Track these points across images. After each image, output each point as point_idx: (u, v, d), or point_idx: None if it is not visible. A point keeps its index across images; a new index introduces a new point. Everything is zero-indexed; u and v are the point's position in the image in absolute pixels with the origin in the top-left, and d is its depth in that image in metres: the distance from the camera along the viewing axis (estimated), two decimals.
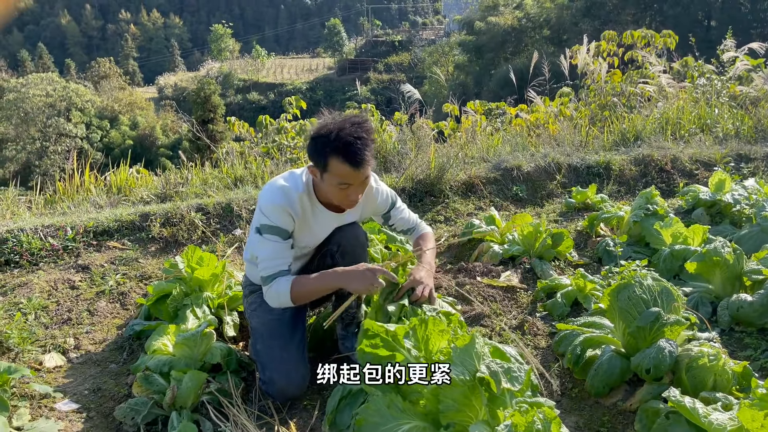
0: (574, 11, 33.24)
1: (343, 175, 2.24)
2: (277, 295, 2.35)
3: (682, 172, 5.18)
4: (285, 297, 2.34)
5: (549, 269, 3.41)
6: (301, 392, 2.47)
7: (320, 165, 2.26)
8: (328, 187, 2.32)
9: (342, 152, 2.19)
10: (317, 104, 31.33)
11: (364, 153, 2.21)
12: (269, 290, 2.36)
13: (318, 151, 2.24)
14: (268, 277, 2.36)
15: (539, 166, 5.03)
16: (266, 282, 2.37)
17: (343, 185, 2.27)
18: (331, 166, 2.23)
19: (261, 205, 2.37)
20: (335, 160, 2.21)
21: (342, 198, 2.34)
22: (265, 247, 2.35)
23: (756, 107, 6.58)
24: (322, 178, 2.30)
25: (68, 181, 4.89)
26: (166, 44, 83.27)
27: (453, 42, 41.46)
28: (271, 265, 2.36)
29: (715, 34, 24.95)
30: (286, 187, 2.37)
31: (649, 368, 2.19)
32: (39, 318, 2.96)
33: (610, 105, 6.80)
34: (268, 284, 2.36)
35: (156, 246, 3.72)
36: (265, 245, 2.35)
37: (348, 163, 2.20)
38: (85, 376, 2.62)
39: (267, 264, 2.36)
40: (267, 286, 2.37)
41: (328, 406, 2.16)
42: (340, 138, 2.19)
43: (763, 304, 2.68)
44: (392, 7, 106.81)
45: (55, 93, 36.58)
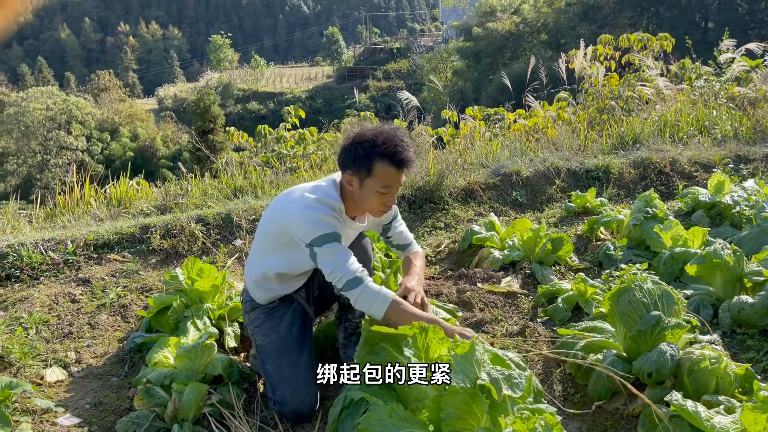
0: (572, 15, 33.33)
1: (388, 178, 2.27)
2: (372, 303, 2.24)
3: (681, 174, 5.18)
4: (379, 310, 2.24)
5: (549, 274, 3.41)
6: (313, 410, 2.44)
7: (364, 170, 2.27)
8: (367, 194, 2.31)
9: (390, 155, 2.24)
10: (317, 113, 31.46)
11: (409, 154, 2.27)
12: (362, 294, 2.23)
13: (362, 156, 2.25)
14: (352, 281, 2.23)
15: (538, 170, 5.03)
16: (353, 286, 2.23)
17: (385, 189, 2.29)
18: (377, 169, 2.25)
19: (306, 220, 2.25)
20: (382, 163, 2.25)
21: (378, 204, 2.34)
22: (331, 257, 2.24)
23: (754, 108, 6.59)
24: (363, 184, 2.29)
25: (68, 195, 4.90)
26: (166, 56, 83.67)
27: (451, 48, 41.56)
28: (345, 270, 2.24)
29: (713, 35, 25.00)
30: (321, 199, 2.31)
31: (650, 372, 2.18)
32: (40, 332, 2.97)
33: (608, 108, 6.81)
34: (356, 287, 2.23)
35: (156, 258, 3.73)
36: (328, 256, 2.24)
37: (395, 166, 2.25)
38: (87, 390, 2.62)
39: (341, 271, 2.24)
40: (357, 289, 2.23)
41: (330, 417, 2.15)
42: (387, 141, 2.24)
43: (765, 305, 2.67)
44: (390, 15, 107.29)
45: (55, 106, 36.72)
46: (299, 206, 2.31)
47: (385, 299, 2.23)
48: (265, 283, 2.52)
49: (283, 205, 2.43)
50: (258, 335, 2.54)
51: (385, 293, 2.25)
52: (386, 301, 2.23)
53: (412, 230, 4.29)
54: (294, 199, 2.38)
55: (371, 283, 2.26)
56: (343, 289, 2.27)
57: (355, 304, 2.28)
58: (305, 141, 6.62)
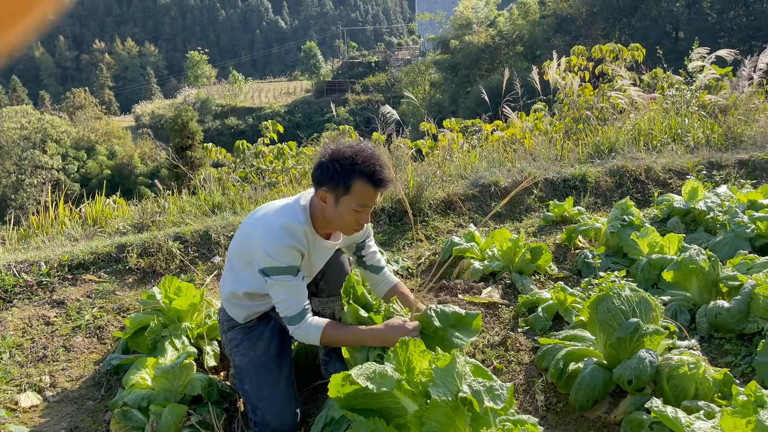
0: (546, 27, 33.86)
1: (365, 197, 2.25)
2: (306, 336, 2.31)
3: (656, 181, 5.25)
4: (314, 339, 2.31)
5: (529, 284, 3.42)
6: (295, 430, 2.40)
7: (342, 187, 2.25)
8: (342, 212, 2.28)
9: (369, 174, 2.22)
10: (296, 127, 31.42)
11: (384, 172, 2.26)
12: (298, 329, 2.30)
13: (340, 173, 2.23)
14: (294, 317, 2.28)
15: (516, 181, 5.07)
16: (292, 322, 2.29)
17: (361, 207, 2.27)
18: (355, 187, 2.23)
19: (264, 248, 2.25)
20: (360, 181, 2.23)
21: (352, 222, 2.32)
22: (280, 289, 2.27)
23: (725, 115, 6.72)
24: (338, 202, 2.27)
25: (42, 215, 4.81)
26: (142, 72, 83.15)
27: (428, 61, 41.88)
28: (290, 305, 2.28)
29: (683, 45, 25.53)
30: (287, 223, 2.29)
31: (630, 379, 2.20)
32: (13, 356, 2.89)
33: (584, 118, 6.90)
34: (295, 324, 2.29)
35: (133, 277, 3.67)
36: (278, 287, 2.27)
37: (373, 185, 2.24)
38: (62, 415, 2.56)
39: (287, 305, 2.28)
40: (295, 326, 2.29)
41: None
42: (367, 160, 2.23)
43: (740, 309, 2.70)
44: (367, 29, 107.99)
45: (29, 125, 36.22)
46: (261, 229, 2.31)
47: (318, 326, 2.29)
48: (237, 301, 2.50)
49: (249, 224, 2.44)
50: (236, 355, 2.51)
51: (318, 322, 2.30)
52: (319, 327, 2.29)
53: (392, 243, 4.30)
54: (259, 218, 2.38)
55: (305, 322, 2.30)
56: (285, 322, 2.33)
57: (294, 336, 2.35)
58: (284, 156, 6.60)
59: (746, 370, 2.51)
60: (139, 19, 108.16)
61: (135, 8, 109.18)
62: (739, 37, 30.38)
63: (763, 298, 2.66)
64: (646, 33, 30.09)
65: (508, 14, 37.89)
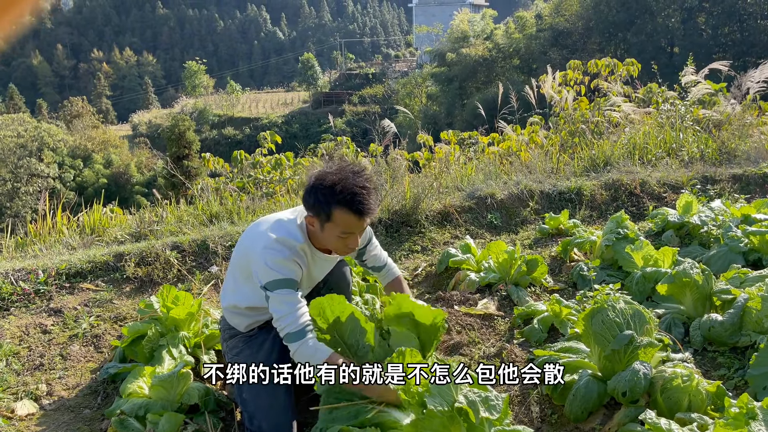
0: (543, 41, 34.16)
1: (347, 225, 2.25)
2: (309, 358, 2.22)
3: (651, 195, 5.30)
4: (318, 361, 2.21)
5: (525, 296, 3.44)
6: None
7: (323, 215, 2.25)
8: (328, 237, 2.30)
9: (348, 203, 2.20)
10: (293, 137, 31.47)
11: (369, 202, 2.23)
12: (299, 349, 2.22)
13: (322, 202, 2.23)
14: (294, 334, 2.23)
15: (512, 193, 5.10)
16: (293, 339, 2.23)
17: (345, 234, 2.28)
18: (336, 216, 2.23)
19: (265, 262, 2.26)
20: (341, 210, 2.22)
21: (341, 246, 2.34)
22: (278, 305, 2.26)
23: (719, 130, 6.79)
24: (323, 228, 2.29)
25: (40, 223, 4.82)
26: (140, 82, 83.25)
27: (425, 73, 42.12)
28: (289, 322, 2.24)
29: (678, 60, 25.78)
30: (282, 239, 2.31)
31: (625, 391, 2.22)
32: (10, 364, 2.90)
33: (579, 132, 6.96)
34: (296, 341, 2.23)
35: (131, 286, 3.68)
36: (276, 302, 2.26)
37: (354, 214, 2.22)
38: (58, 424, 2.56)
39: (286, 322, 2.24)
40: (295, 344, 2.23)
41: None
42: (346, 189, 2.19)
43: (734, 323, 2.73)
44: (365, 41, 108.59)
45: (26, 133, 36.15)
46: (260, 245, 2.32)
47: (322, 356, 2.20)
48: (239, 311, 2.53)
49: (249, 238, 2.46)
50: (237, 363, 2.52)
51: (322, 351, 2.21)
52: (322, 357, 2.19)
53: (389, 254, 4.31)
54: (258, 234, 2.40)
55: (311, 340, 2.23)
56: (284, 340, 2.27)
57: (293, 356, 2.27)
58: (282, 166, 6.63)
59: (739, 383, 2.53)
60: (138, 29, 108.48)
61: (134, 18, 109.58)
62: (733, 52, 30.71)
63: (756, 312, 2.69)
64: (641, 48, 30.39)
65: (504, 28, 38.21)
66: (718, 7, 32.05)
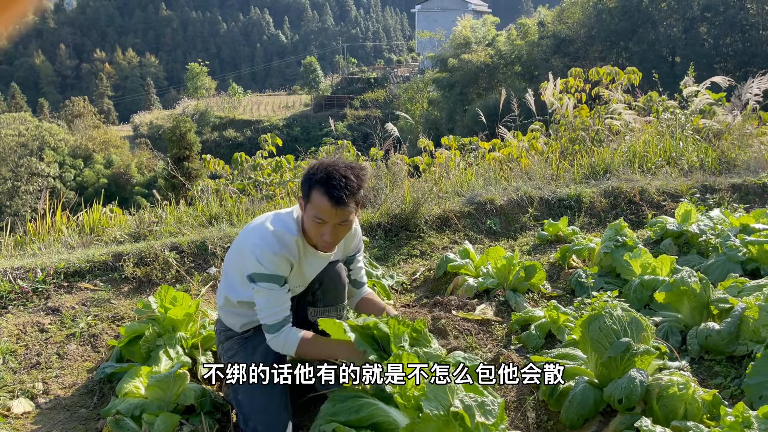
0: (545, 48, 34.19)
1: (320, 209, 2.27)
2: (282, 346, 2.38)
3: (650, 203, 5.30)
4: (289, 351, 2.38)
5: (523, 301, 3.45)
6: None
7: (305, 195, 2.33)
8: (307, 220, 2.35)
9: (324, 185, 2.25)
10: (294, 140, 31.50)
11: (344, 192, 2.24)
12: (275, 339, 2.37)
13: (306, 180, 2.32)
14: (272, 326, 2.36)
15: (512, 199, 5.11)
16: (271, 330, 2.37)
17: (318, 220, 2.29)
18: (313, 196, 2.29)
19: (255, 254, 2.32)
20: (317, 191, 2.28)
21: (315, 234, 2.35)
22: (263, 296, 2.35)
23: (719, 140, 6.80)
24: (305, 210, 2.35)
25: (39, 222, 4.82)
26: (142, 83, 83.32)
27: (427, 79, 42.14)
28: (272, 313, 2.36)
29: (680, 69, 25.81)
30: (279, 232, 2.36)
31: (621, 398, 2.22)
32: (7, 362, 2.90)
33: (580, 139, 6.97)
34: (273, 333, 2.37)
35: (129, 286, 3.68)
36: (262, 294, 2.34)
37: (327, 197, 2.25)
38: (54, 422, 2.56)
39: (268, 312, 2.36)
40: (272, 335, 2.37)
41: None
42: (328, 172, 2.26)
43: (731, 332, 2.74)
44: (367, 46, 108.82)
45: (27, 132, 36.19)
46: (256, 236, 2.38)
47: (293, 342, 2.36)
48: (233, 309, 2.54)
49: (243, 234, 2.52)
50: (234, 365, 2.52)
51: (295, 333, 2.37)
52: (294, 342, 2.35)
53: (387, 258, 4.32)
54: (253, 228, 2.46)
55: (284, 331, 2.37)
56: (264, 330, 2.40)
57: (269, 343, 2.41)
58: (282, 169, 6.64)
59: (735, 391, 2.54)
60: (141, 30, 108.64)
61: (137, 19, 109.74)
62: (734, 62, 30.78)
63: (753, 321, 2.70)
64: (643, 57, 30.43)
65: (506, 34, 38.28)
66: (719, 18, 32.11)
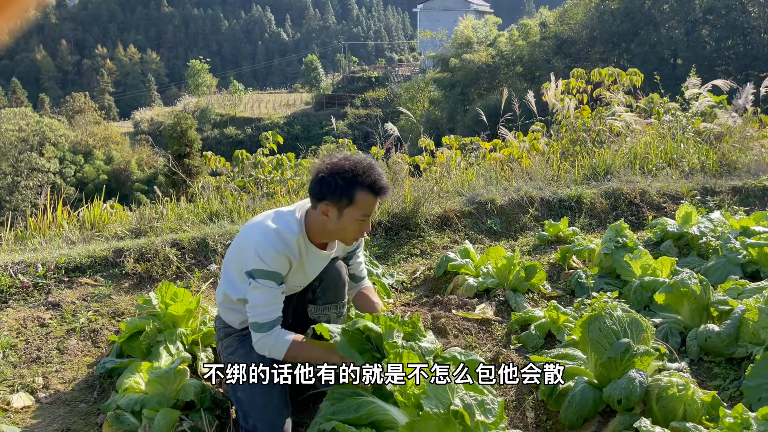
0: (546, 49, 34.21)
1: (367, 206, 2.32)
2: (270, 348, 2.34)
3: (651, 205, 5.31)
4: (278, 353, 2.34)
5: (523, 301, 3.45)
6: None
7: (345, 199, 2.30)
8: (346, 223, 2.34)
9: (370, 184, 2.29)
10: (295, 139, 31.48)
11: (385, 182, 2.34)
12: (263, 339, 2.33)
13: (342, 186, 2.28)
14: (262, 325, 2.32)
15: (513, 199, 5.12)
16: (259, 329, 2.32)
17: (364, 217, 2.34)
18: (359, 198, 2.30)
19: (257, 250, 2.31)
20: (363, 192, 2.29)
21: (356, 232, 2.39)
22: (259, 293, 2.32)
23: (720, 142, 6.81)
24: (342, 214, 2.32)
25: (40, 217, 4.82)
26: (143, 79, 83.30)
27: (428, 78, 42.15)
28: (264, 311, 2.32)
29: (681, 71, 25.82)
30: (280, 230, 2.36)
31: (620, 399, 2.22)
32: (7, 357, 2.90)
33: (581, 140, 6.97)
34: (262, 332, 2.32)
35: (130, 282, 3.68)
36: (258, 291, 2.32)
37: (374, 194, 2.31)
38: (54, 417, 2.56)
39: (260, 311, 2.32)
40: (261, 334, 2.33)
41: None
42: (367, 172, 2.29)
43: (730, 334, 2.74)
44: (369, 44, 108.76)
45: (28, 127, 36.18)
46: (258, 233, 2.38)
47: (283, 345, 2.32)
48: (232, 306, 2.53)
49: (244, 231, 2.51)
50: (231, 362, 2.52)
51: (283, 338, 2.33)
52: (284, 346, 2.32)
53: (388, 257, 4.33)
54: (255, 224, 2.45)
55: (275, 332, 2.34)
56: (251, 327, 2.37)
57: (255, 345, 2.37)
58: (283, 166, 6.64)
59: (734, 393, 2.54)
60: (142, 27, 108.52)
61: (139, 16, 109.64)
62: (736, 65, 30.80)
63: (753, 324, 2.70)
64: (645, 58, 30.45)
65: (508, 35, 38.28)
66: (721, 20, 32.12)
